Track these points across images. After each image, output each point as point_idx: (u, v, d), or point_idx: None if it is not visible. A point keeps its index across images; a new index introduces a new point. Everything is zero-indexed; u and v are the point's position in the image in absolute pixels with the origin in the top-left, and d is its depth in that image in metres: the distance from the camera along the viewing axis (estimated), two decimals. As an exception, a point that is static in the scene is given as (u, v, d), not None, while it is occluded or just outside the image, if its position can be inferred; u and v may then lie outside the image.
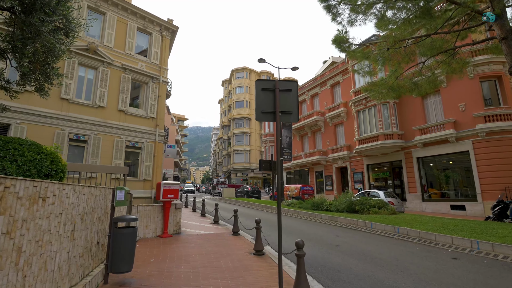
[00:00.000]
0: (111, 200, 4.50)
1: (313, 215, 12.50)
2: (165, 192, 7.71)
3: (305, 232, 9.27)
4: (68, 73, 13.72)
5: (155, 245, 6.84)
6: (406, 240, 7.67)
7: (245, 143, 55.25)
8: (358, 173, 22.55)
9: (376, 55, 9.90)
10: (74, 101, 13.71)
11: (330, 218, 11.30)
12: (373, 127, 20.29)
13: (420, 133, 17.76)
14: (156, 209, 7.82)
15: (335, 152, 25.19)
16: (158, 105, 16.96)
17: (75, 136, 13.69)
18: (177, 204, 8.35)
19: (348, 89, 24.58)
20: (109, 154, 14.54)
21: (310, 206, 13.89)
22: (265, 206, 17.42)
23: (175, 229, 8.20)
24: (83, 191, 3.70)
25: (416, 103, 18.70)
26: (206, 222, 11.11)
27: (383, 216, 9.98)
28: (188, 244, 7.03)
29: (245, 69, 58.27)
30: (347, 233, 8.81)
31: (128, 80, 15.83)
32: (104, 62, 15.00)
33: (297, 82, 4.71)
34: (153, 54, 17.45)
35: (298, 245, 4.02)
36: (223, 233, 8.57)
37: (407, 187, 18.54)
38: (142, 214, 7.49)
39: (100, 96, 14.60)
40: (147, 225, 7.55)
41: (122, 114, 15.32)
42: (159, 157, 16.47)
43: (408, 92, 12.46)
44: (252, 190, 29.13)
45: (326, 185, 26.20)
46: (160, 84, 17.24)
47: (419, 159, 18.16)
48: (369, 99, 20.55)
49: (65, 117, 13.32)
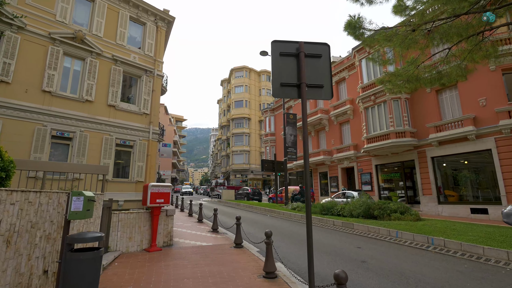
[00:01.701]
0: (65, 210, 3.17)
1: (324, 221, 11.14)
2: (153, 196, 6.36)
3: (320, 242, 7.93)
4: (52, 63, 12.38)
5: (139, 263, 5.47)
6: (445, 254, 6.33)
7: (244, 144, 53.86)
8: (366, 174, 21.22)
9: (400, 38, 8.58)
10: (58, 94, 12.36)
11: (344, 224, 9.95)
12: (383, 124, 18.97)
13: (435, 130, 16.46)
14: (143, 217, 6.45)
15: (340, 152, 23.86)
16: (152, 101, 15.60)
17: (59, 133, 12.33)
18: (168, 210, 6.99)
19: (354, 86, 23.29)
20: (97, 153, 13.18)
21: (319, 210, 12.54)
22: (269, 210, 16.05)
23: (166, 241, 6.83)
24: (9, 199, 2.38)
25: (430, 98, 17.42)
26: (204, 229, 9.72)
27: (408, 223, 8.64)
28: (181, 261, 5.66)
29: (244, 68, 56.99)
30: (370, 244, 7.46)
31: (119, 72, 14.49)
32: (92, 52, 13.65)
33: (328, 46, 3.37)
34: (147, 45, 16.12)
35: (339, 279, 2.66)
36: (223, 245, 7.20)
37: (420, 189, 17.22)
38: (125, 223, 6.13)
39: (88, 89, 13.24)
40: (131, 236, 6.18)
41: (112, 109, 13.97)
42: (153, 156, 15.10)
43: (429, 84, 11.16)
44: (252, 192, 27.77)
45: (331, 187, 24.85)
46: (155, 78, 15.90)
47: (434, 159, 16.85)
48: (378, 95, 19.25)
49: (47, 111, 11.95)
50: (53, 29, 12.64)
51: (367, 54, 20.35)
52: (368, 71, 20.54)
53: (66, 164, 5.90)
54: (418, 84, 11.77)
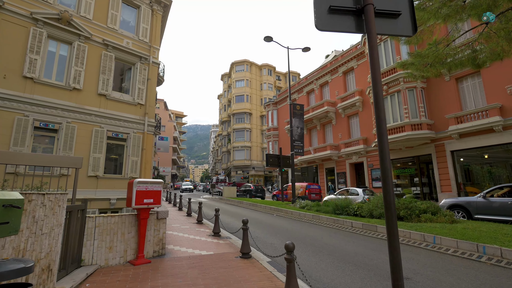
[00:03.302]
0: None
1: (340, 222, 9.86)
2: (140, 195, 5.07)
3: (342, 249, 6.66)
4: (34, 47, 11.07)
5: (118, 284, 4.19)
6: (505, 267, 5.05)
7: (245, 139, 52.52)
8: (377, 169, 19.92)
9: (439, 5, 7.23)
10: (42, 81, 11.07)
11: (366, 227, 8.66)
12: (396, 116, 17.62)
13: (456, 122, 15.11)
14: (127, 221, 5.16)
15: (349, 147, 22.53)
16: (148, 90, 14.28)
17: (42, 124, 11.06)
18: (160, 212, 5.69)
19: (364, 75, 21.90)
20: (86, 147, 11.93)
21: (332, 209, 11.26)
22: (274, 209, 14.77)
23: (157, 250, 5.56)
24: None
25: (449, 87, 16.03)
26: (203, 233, 8.44)
27: (443, 226, 7.35)
28: (173, 280, 4.37)
29: (245, 62, 55.47)
30: (404, 253, 6.18)
31: (111, 59, 13.17)
32: (80, 36, 12.33)
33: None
34: (141, 30, 14.76)
35: None
36: (227, 255, 5.93)
37: (438, 186, 15.92)
38: (104, 230, 4.84)
39: (75, 76, 11.94)
40: (111, 246, 4.89)
41: (103, 99, 12.67)
42: (149, 151, 13.82)
43: (458, 66, 9.83)
44: (255, 189, 26.48)
45: (338, 183, 23.56)
46: (150, 66, 14.57)
47: (454, 153, 15.53)
48: (391, 85, 17.86)
49: (28, 100, 10.68)
50: (35, 9, 11.34)
51: (379, 41, 18.91)
52: (379, 59, 19.09)
53: (27, 155, 4.61)
54: (445, 67, 10.44)
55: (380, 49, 19.05)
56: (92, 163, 11.96)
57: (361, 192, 14.66)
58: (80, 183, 11.55)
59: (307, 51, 17.26)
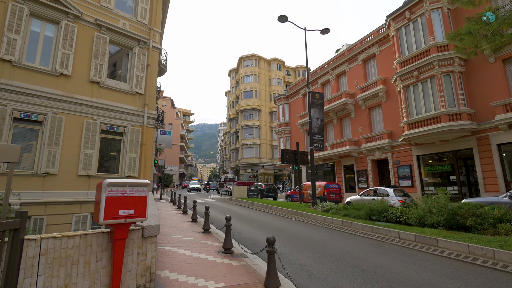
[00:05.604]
0: None
1: (381, 231, 7.89)
2: (112, 204, 3.18)
3: (407, 277, 4.76)
4: (13, 25, 9.44)
5: None
6: None
7: (254, 137, 50.65)
8: (404, 166, 17.77)
9: None
10: (23, 65, 9.44)
11: (420, 239, 6.68)
12: (429, 105, 15.44)
13: (504, 110, 12.91)
14: (94, 243, 3.27)
15: (370, 141, 20.40)
16: (147, 78, 12.55)
17: (24, 115, 9.45)
18: (146, 228, 3.79)
19: (387, 62, 19.70)
20: (76, 141, 10.29)
21: (366, 214, 9.32)
22: (292, 212, 12.87)
23: (142, 283, 3.66)
24: None
25: (494, 70, 13.80)
26: (211, 248, 6.55)
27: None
28: None
29: (253, 56, 53.51)
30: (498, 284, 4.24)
31: (105, 41, 11.48)
32: (69, 14, 10.66)
33: None
34: (140, 10, 13.02)
35: None
36: (246, 286, 4.12)
37: (482, 185, 13.74)
38: (55, 259, 2.99)
39: (63, 60, 10.29)
40: (67, 284, 3.05)
41: (96, 86, 11.01)
42: (149, 146, 12.11)
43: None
44: (267, 189, 24.58)
45: (358, 182, 21.47)
46: (150, 50, 12.83)
47: (501, 146, 13.32)
48: (422, 70, 15.67)
49: (6, 86, 9.06)
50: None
51: (407, 22, 16.72)
52: (408, 42, 16.89)
53: None
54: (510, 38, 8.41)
55: (408, 29, 16.84)
56: (83, 160, 10.32)
57: (392, 192, 12.62)
58: (69, 183, 9.94)
59: (326, 33, 15.25)
